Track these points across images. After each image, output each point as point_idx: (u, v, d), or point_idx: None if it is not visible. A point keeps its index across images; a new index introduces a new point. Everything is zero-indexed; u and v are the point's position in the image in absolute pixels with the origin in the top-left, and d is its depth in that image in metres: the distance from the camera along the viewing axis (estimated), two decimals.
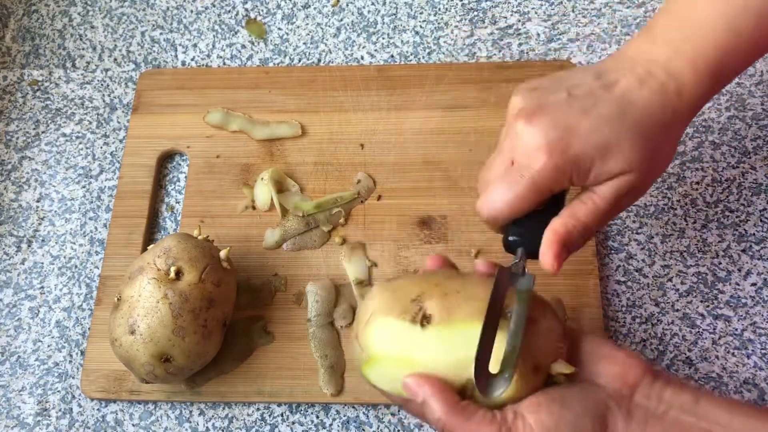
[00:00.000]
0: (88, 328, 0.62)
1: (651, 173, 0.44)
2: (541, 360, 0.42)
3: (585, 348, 0.44)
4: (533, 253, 0.45)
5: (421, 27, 0.74)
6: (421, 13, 0.75)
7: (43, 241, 0.67)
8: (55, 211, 0.68)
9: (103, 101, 0.73)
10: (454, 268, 0.48)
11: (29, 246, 0.67)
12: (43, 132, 0.72)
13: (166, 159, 0.69)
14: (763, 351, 0.58)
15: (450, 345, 0.41)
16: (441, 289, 0.43)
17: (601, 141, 0.42)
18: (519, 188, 0.43)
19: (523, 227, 0.45)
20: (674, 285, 0.61)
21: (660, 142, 0.44)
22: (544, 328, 0.42)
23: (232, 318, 0.58)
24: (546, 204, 0.44)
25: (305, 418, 0.59)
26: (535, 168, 0.42)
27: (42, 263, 0.66)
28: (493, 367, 0.40)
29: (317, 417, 0.59)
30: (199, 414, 0.59)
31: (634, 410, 0.41)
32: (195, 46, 0.75)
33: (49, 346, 0.62)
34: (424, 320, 0.41)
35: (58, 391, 0.61)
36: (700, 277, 0.61)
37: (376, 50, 0.73)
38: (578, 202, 0.44)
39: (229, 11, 0.77)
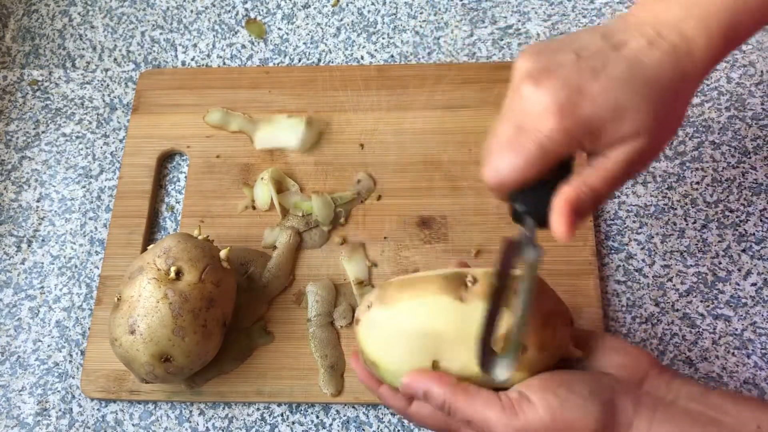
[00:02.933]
0: (88, 328, 0.62)
1: (662, 137, 0.43)
2: (548, 342, 0.42)
3: (593, 341, 0.44)
4: (542, 222, 0.42)
5: (421, 27, 0.74)
6: (421, 13, 0.75)
7: (43, 241, 0.67)
8: (55, 211, 0.68)
9: (103, 101, 0.73)
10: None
11: (29, 246, 0.67)
12: (43, 132, 0.72)
13: (166, 159, 0.69)
14: (763, 351, 0.58)
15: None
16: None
17: (613, 102, 0.40)
18: (526, 153, 0.41)
19: (531, 195, 0.42)
20: (674, 285, 0.61)
21: (671, 104, 0.42)
22: (550, 311, 0.42)
23: (231, 318, 0.58)
24: (554, 171, 0.42)
25: (305, 418, 0.59)
26: (543, 132, 0.40)
27: (42, 263, 0.66)
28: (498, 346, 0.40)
29: (317, 417, 0.59)
30: (199, 414, 0.59)
31: (643, 397, 0.41)
32: (195, 46, 0.75)
33: (49, 346, 0.62)
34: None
35: (58, 391, 0.61)
36: (700, 277, 0.61)
37: (376, 50, 0.73)
38: (589, 167, 0.42)
39: (229, 11, 0.77)
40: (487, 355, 0.39)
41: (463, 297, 0.42)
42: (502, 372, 0.39)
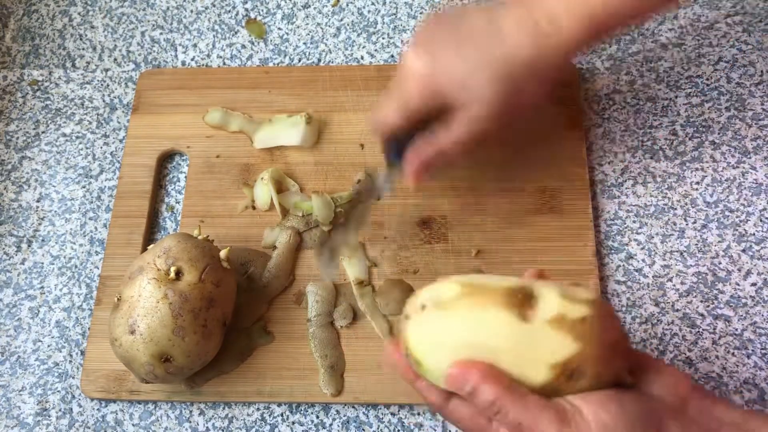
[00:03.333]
0: (88, 328, 0.62)
1: (510, 107, 0.50)
2: (604, 375, 0.40)
3: (644, 364, 0.43)
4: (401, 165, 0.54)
5: None
6: (421, 13, 0.75)
7: (43, 241, 0.67)
8: (55, 211, 0.68)
9: (103, 101, 0.73)
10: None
11: (29, 246, 0.67)
12: (43, 132, 0.72)
13: (166, 159, 0.69)
14: (763, 351, 0.58)
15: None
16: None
17: (462, 77, 0.49)
18: (396, 107, 0.52)
19: (398, 141, 0.54)
20: (674, 285, 0.61)
21: (522, 80, 0.49)
22: (612, 345, 0.40)
23: (231, 318, 0.58)
24: (422, 126, 0.52)
25: (305, 418, 0.59)
26: (406, 91, 0.51)
27: (42, 263, 0.66)
28: None
29: (317, 417, 0.59)
30: (199, 414, 0.59)
31: (689, 425, 0.41)
32: (195, 46, 0.75)
33: (49, 346, 0.62)
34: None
35: (58, 391, 0.61)
36: (700, 277, 0.61)
37: (376, 50, 0.73)
38: (440, 128, 0.52)
39: (229, 11, 0.77)
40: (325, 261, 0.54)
41: (526, 316, 0.40)
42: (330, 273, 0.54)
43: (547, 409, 0.39)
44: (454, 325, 0.41)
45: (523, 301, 0.40)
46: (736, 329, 0.59)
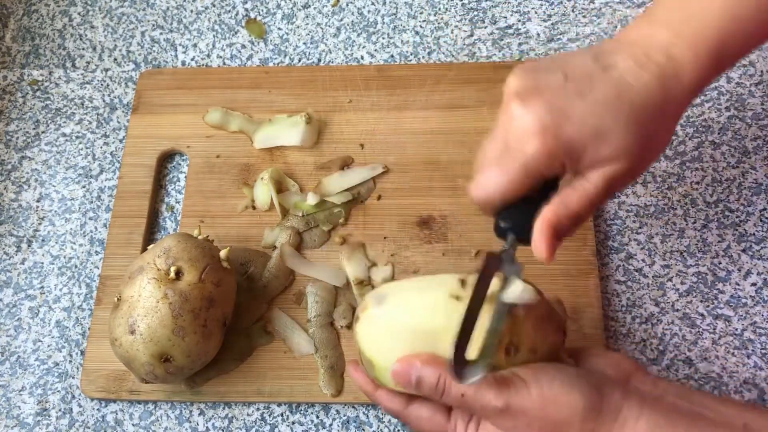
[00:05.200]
0: (88, 328, 0.62)
1: (645, 159, 0.44)
2: (539, 345, 0.43)
3: (584, 353, 0.47)
4: (524, 240, 0.44)
5: (421, 27, 0.74)
6: (421, 13, 0.75)
7: (43, 241, 0.67)
8: (55, 211, 0.68)
9: (103, 101, 0.73)
10: None
11: (29, 246, 0.67)
12: (43, 132, 0.72)
13: (166, 159, 0.69)
14: (763, 351, 0.58)
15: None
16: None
17: (595, 126, 0.41)
18: (511, 172, 0.42)
19: (514, 212, 0.44)
20: (674, 285, 0.61)
21: (656, 126, 0.43)
22: (543, 316, 0.44)
23: (231, 318, 0.58)
24: (539, 189, 0.43)
25: (305, 418, 0.59)
26: (527, 152, 0.42)
27: (42, 263, 0.66)
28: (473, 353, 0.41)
29: (317, 417, 0.59)
30: (199, 414, 0.59)
31: (632, 390, 0.43)
32: (195, 46, 0.75)
33: (49, 346, 0.62)
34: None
35: (58, 391, 0.61)
36: (700, 277, 0.61)
37: (376, 50, 0.73)
38: (570, 189, 0.43)
39: (229, 11, 0.77)
40: (460, 363, 0.40)
41: (459, 295, 0.43)
42: (474, 380, 0.40)
43: (485, 378, 0.41)
44: (394, 314, 0.44)
45: (454, 284, 0.44)
46: (736, 329, 0.59)
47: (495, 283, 0.43)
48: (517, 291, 0.43)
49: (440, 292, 0.44)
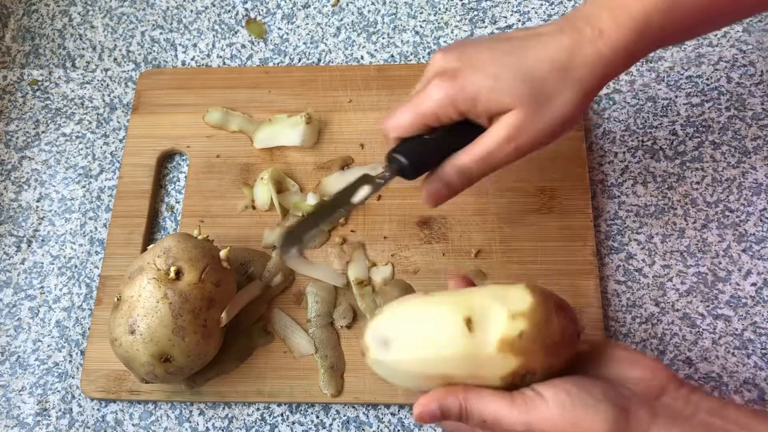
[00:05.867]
0: (88, 328, 0.62)
1: (542, 114, 0.45)
2: (555, 366, 0.42)
3: (609, 352, 0.44)
4: (404, 171, 0.48)
5: (421, 27, 0.74)
6: (421, 13, 0.75)
7: (43, 241, 0.67)
8: (55, 211, 0.68)
9: (103, 101, 0.73)
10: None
11: (29, 246, 0.67)
12: (43, 132, 0.72)
13: (166, 159, 0.69)
14: (763, 351, 0.58)
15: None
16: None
17: (492, 73, 0.44)
18: (410, 111, 0.47)
19: (406, 144, 0.48)
20: (674, 285, 0.61)
21: (557, 83, 0.44)
22: (561, 336, 0.42)
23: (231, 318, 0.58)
24: (440, 133, 0.47)
25: (305, 418, 0.59)
26: (428, 93, 0.46)
27: (42, 263, 0.66)
28: None
29: (317, 417, 0.59)
30: (199, 414, 0.59)
31: (661, 408, 0.41)
32: (195, 45, 0.75)
33: (49, 346, 0.62)
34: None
35: (58, 391, 0.61)
36: (700, 277, 0.61)
37: (376, 50, 0.73)
38: (468, 146, 0.46)
39: (229, 11, 0.77)
40: (289, 240, 0.46)
41: (472, 328, 0.42)
42: (294, 254, 0.46)
43: (503, 398, 0.41)
44: (402, 359, 0.43)
45: (463, 328, 0.42)
46: (736, 329, 0.59)
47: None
48: (362, 194, 0.49)
49: (446, 331, 0.42)
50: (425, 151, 0.48)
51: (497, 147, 0.45)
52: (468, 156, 0.46)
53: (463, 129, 0.47)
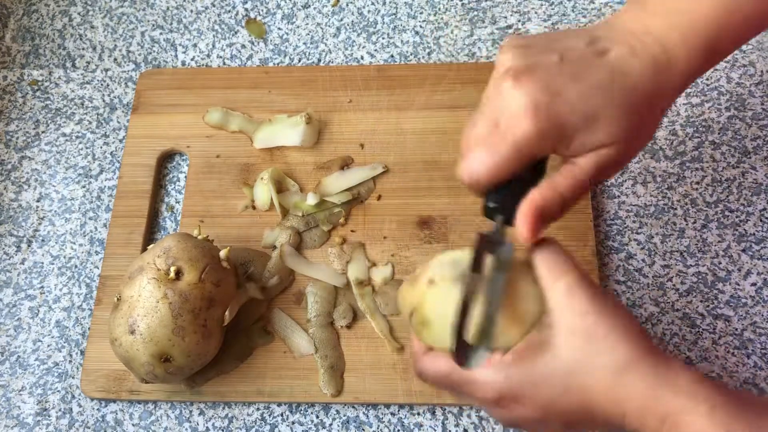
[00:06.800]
0: (88, 328, 0.62)
1: (634, 146, 0.44)
2: (526, 318, 0.41)
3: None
4: (511, 221, 0.43)
5: (421, 27, 0.74)
6: (421, 13, 0.75)
7: (43, 241, 0.67)
8: (55, 211, 0.68)
9: (103, 101, 0.73)
10: None
11: (29, 246, 0.67)
12: (43, 132, 0.72)
13: (166, 159, 0.69)
14: (763, 351, 0.58)
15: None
16: None
17: (589, 110, 0.41)
18: (501, 153, 0.41)
19: (503, 194, 0.43)
20: (674, 285, 0.61)
21: (646, 115, 0.43)
22: (528, 292, 0.41)
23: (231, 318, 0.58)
24: (528, 171, 0.43)
25: (305, 418, 0.59)
26: (518, 132, 0.41)
27: (42, 263, 0.66)
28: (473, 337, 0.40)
29: (317, 417, 0.59)
30: (199, 414, 0.59)
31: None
32: (195, 46, 0.75)
33: (49, 346, 0.62)
34: None
35: (58, 391, 0.61)
36: (700, 277, 0.61)
37: (376, 50, 0.73)
38: (558, 173, 0.43)
39: (229, 11, 0.77)
40: (461, 347, 0.40)
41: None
42: (477, 363, 0.40)
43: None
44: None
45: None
46: (736, 329, 0.59)
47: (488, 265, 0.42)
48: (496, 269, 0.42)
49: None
50: (519, 194, 0.43)
51: (595, 176, 0.43)
52: (566, 184, 0.43)
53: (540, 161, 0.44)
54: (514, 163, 0.42)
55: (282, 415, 0.59)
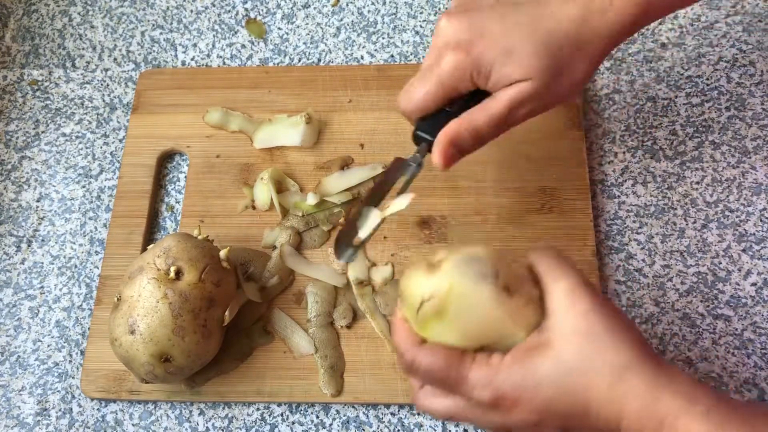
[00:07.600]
0: (88, 328, 0.62)
1: (554, 87, 0.45)
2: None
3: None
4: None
5: (421, 27, 0.74)
6: (421, 13, 0.75)
7: (43, 241, 0.67)
8: (55, 211, 0.68)
9: (103, 101, 0.73)
10: None
11: (29, 246, 0.67)
12: (43, 132, 0.72)
13: (166, 159, 0.69)
14: (763, 351, 0.58)
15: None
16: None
17: (506, 45, 0.44)
18: (428, 84, 0.46)
19: (429, 122, 0.48)
20: (674, 285, 0.61)
21: (570, 56, 0.45)
22: (527, 294, 0.41)
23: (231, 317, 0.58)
24: (461, 106, 0.47)
25: (305, 418, 0.59)
26: (441, 66, 0.45)
27: (42, 263, 0.66)
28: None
29: (317, 417, 0.59)
30: (199, 414, 0.59)
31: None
32: (195, 45, 0.75)
33: (49, 346, 0.62)
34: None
35: (58, 391, 0.61)
36: (700, 277, 0.61)
37: (376, 50, 0.73)
38: (476, 107, 0.46)
39: (229, 11, 0.77)
40: (342, 243, 0.47)
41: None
42: (347, 257, 0.47)
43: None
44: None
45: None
46: (736, 329, 0.59)
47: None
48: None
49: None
50: (444, 125, 0.47)
51: (509, 110, 0.46)
52: (481, 117, 0.46)
53: (478, 97, 0.47)
54: (439, 95, 0.46)
55: (282, 415, 0.59)
